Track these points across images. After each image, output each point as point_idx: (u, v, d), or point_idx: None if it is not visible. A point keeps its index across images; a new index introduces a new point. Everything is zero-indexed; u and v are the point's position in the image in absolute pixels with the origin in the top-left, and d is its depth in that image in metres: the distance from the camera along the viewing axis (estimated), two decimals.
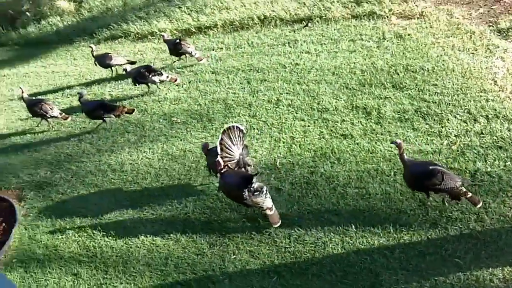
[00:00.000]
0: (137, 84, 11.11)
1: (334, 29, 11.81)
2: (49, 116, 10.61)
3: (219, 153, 7.10)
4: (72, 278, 6.83)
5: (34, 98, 11.41)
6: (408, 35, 10.74)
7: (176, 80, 11.02)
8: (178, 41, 11.68)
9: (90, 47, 12.87)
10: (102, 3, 17.80)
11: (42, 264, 7.15)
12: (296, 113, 9.11)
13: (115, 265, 6.84)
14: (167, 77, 10.90)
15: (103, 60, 12.36)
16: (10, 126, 11.35)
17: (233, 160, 7.32)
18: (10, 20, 19.34)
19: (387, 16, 11.66)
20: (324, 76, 10.03)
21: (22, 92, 10.89)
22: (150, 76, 10.74)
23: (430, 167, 6.40)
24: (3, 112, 12.36)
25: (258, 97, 9.86)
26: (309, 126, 8.70)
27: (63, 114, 10.79)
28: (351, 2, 12.50)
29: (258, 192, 6.68)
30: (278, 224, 6.78)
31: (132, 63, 11.94)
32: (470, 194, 6.34)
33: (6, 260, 7.41)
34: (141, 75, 10.82)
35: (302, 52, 11.19)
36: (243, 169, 7.38)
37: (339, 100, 9.17)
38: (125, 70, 11.28)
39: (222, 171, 7.01)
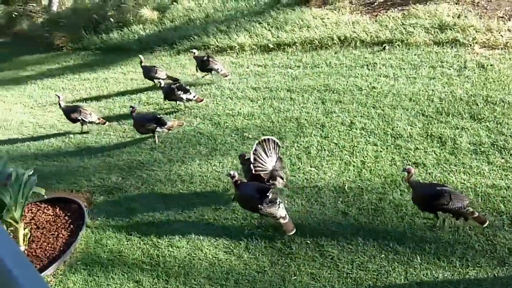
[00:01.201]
0: (167, 99, 11.59)
1: (415, 54, 11.64)
2: (87, 121, 11.20)
3: (252, 162, 7.50)
4: (134, 285, 6.87)
5: (70, 105, 12.02)
6: (491, 65, 10.47)
7: (201, 101, 11.42)
8: (206, 58, 12.34)
9: (139, 57, 13.47)
10: (184, 14, 18.15)
11: (106, 268, 7.22)
12: (369, 137, 9.00)
13: (176, 275, 6.85)
14: (194, 96, 11.29)
15: (148, 72, 13.08)
16: (85, 129, 11.61)
17: (266, 170, 7.63)
18: (94, 25, 19.92)
19: (470, 45, 11.40)
20: (401, 101, 9.88)
21: (59, 100, 11.48)
22: (178, 93, 11.15)
23: (438, 188, 6.59)
24: None
25: (331, 118, 9.80)
26: (381, 151, 8.57)
27: (101, 119, 11.43)
28: (434, 28, 12.29)
29: (272, 203, 6.97)
30: (293, 232, 7.00)
31: (175, 79, 12.46)
32: (476, 214, 6.47)
33: (71, 261, 7.51)
34: (171, 91, 11.25)
35: (380, 76, 11.07)
36: (276, 180, 7.67)
37: (414, 127, 9.00)
38: (159, 83, 11.90)
39: (237, 183, 7.42)
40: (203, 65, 12.50)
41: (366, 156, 8.51)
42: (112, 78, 14.95)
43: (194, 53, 13.04)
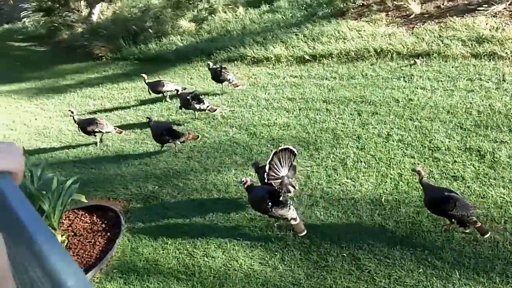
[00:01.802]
0: (183, 108, 12.06)
1: (452, 67, 11.54)
2: (104, 132, 11.52)
3: (267, 171, 7.64)
4: None
5: (85, 119, 12.23)
6: None
7: (215, 110, 11.61)
8: (219, 69, 12.80)
9: (142, 76, 13.90)
10: (221, 25, 18.33)
11: (142, 277, 7.23)
12: (406, 150, 8.94)
13: (211, 286, 6.84)
14: (208, 106, 11.55)
15: (154, 87, 13.48)
16: (123, 138, 11.76)
17: (278, 179, 7.78)
18: (133, 36, 20.24)
19: (509, 58, 11.27)
20: (438, 114, 9.80)
21: (73, 114, 11.84)
22: (193, 103, 11.47)
23: (446, 194, 6.71)
24: (117, 123, 12.81)
25: (368, 130, 9.77)
26: (418, 164, 8.48)
27: (117, 129, 11.72)
28: (472, 41, 12.17)
29: (282, 205, 7.20)
30: (304, 233, 7.19)
31: (183, 89, 12.75)
32: (479, 224, 6.54)
33: (108, 269, 7.56)
34: (186, 101, 11.58)
35: (417, 88, 11.00)
36: (288, 189, 7.85)
37: (452, 140, 8.92)
38: (177, 91, 12.58)
39: (248, 187, 7.72)
40: (216, 75, 12.95)
41: (403, 169, 8.44)
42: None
43: (209, 64, 13.41)
